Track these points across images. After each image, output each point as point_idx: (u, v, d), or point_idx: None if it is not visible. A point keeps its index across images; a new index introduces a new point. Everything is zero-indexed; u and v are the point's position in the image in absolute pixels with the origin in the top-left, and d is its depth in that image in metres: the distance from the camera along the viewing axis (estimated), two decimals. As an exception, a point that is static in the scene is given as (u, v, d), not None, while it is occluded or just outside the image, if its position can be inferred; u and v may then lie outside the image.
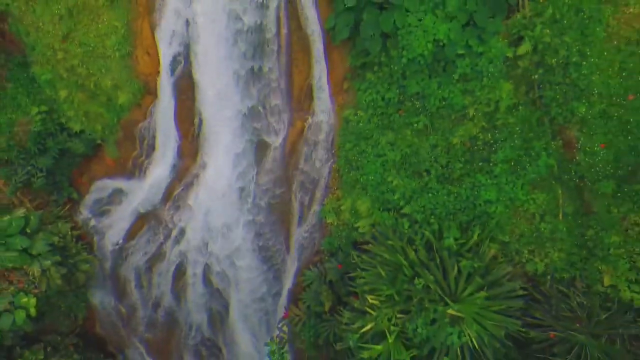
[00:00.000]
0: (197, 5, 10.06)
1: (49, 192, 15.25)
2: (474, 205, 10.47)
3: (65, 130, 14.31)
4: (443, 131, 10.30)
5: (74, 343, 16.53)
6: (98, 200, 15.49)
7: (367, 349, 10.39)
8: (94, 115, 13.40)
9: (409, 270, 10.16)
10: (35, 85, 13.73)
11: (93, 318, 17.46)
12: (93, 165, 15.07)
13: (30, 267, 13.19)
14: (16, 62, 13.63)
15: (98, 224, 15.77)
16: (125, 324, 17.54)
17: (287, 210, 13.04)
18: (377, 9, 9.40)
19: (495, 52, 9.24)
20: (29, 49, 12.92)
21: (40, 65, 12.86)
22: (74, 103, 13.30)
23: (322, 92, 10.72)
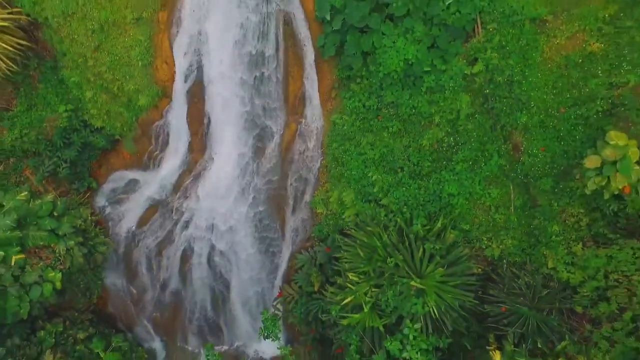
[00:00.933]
0: (208, 26, 12.48)
1: (71, 182, 17.66)
2: (439, 197, 12.83)
3: (88, 126, 16.71)
4: (414, 134, 12.67)
5: (89, 319, 18.96)
6: (114, 189, 17.92)
7: (347, 318, 12.76)
8: (114, 114, 15.83)
9: (383, 251, 12.52)
10: (63, 86, 16.16)
11: (105, 297, 19.89)
12: (111, 158, 17.50)
13: (56, 246, 15.58)
14: (48, 65, 16.05)
15: (113, 211, 18.21)
16: (135, 303, 19.95)
17: (282, 200, 15.45)
18: (359, 32, 11.79)
19: (455, 70, 11.59)
20: (59, 55, 15.37)
21: (70, 70, 15.32)
22: (98, 103, 15.74)
23: (313, 99, 13.13)
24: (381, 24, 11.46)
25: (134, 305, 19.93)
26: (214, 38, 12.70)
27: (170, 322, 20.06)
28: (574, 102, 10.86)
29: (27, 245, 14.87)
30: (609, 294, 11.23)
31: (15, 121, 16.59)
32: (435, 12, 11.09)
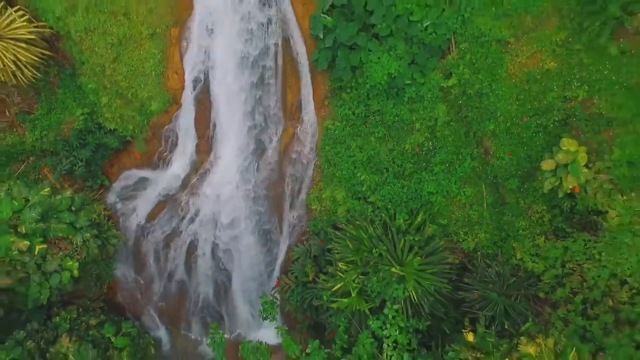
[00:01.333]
0: (215, 41, 14.35)
1: (85, 179, 19.53)
2: (420, 195, 14.70)
3: (102, 128, 18.58)
4: (397, 139, 14.53)
5: (100, 307, 20.86)
6: (125, 187, 19.79)
7: (337, 302, 14.60)
8: (127, 118, 17.70)
9: (369, 243, 14.38)
10: (80, 92, 18.03)
11: (115, 287, 21.76)
12: (122, 158, 19.36)
13: (74, 238, 17.44)
14: (67, 73, 17.91)
15: (124, 206, 20.09)
16: (142, 293, 21.84)
17: (280, 198, 17.31)
18: (348, 49, 13.66)
19: (433, 83, 13.46)
20: (78, 63, 17.23)
21: (88, 77, 17.18)
22: (112, 107, 17.61)
23: (309, 106, 14.99)
24: (368, 42, 13.34)
25: (141, 295, 21.81)
26: (220, 52, 14.57)
27: (175, 311, 21.94)
28: (535, 112, 12.71)
29: (48, 236, 16.73)
30: (565, 280, 13.09)
31: (36, 123, 18.51)
32: (414, 32, 12.96)
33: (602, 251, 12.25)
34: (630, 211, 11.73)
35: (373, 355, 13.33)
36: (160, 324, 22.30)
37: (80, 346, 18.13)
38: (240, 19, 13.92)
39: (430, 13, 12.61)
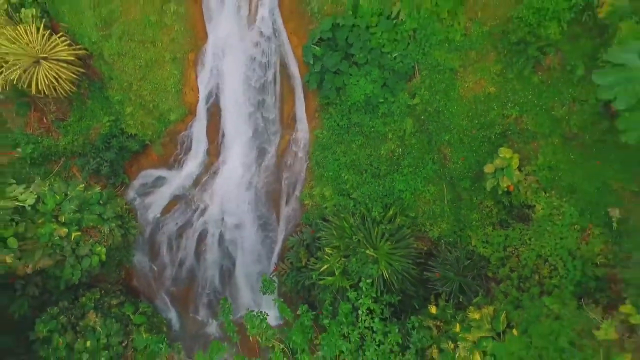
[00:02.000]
0: (224, 64, 18.35)
1: (109, 177, 23.50)
2: (392, 192, 18.63)
3: (124, 133, 22.60)
4: (374, 146, 18.47)
5: (119, 289, 24.88)
6: (143, 184, 23.77)
7: (324, 280, 18.51)
8: (147, 125, 21.69)
9: (350, 231, 18.30)
10: (107, 102, 22.03)
11: (131, 274, 25.74)
12: (141, 159, 23.34)
13: (102, 227, 21.37)
14: (96, 86, 21.90)
15: (141, 201, 24.06)
16: (155, 279, 25.79)
17: (277, 195, 21.26)
18: (333, 73, 17.62)
19: (401, 101, 17.40)
20: (107, 79, 21.20)
21: (115, 91, 21.16)
22: (135, 116, 21.60)
23: (302, 118, 18.96)
24: (348, 68, 17.32)
25: (154, 280, 25.77)
26: (228, 73, 18.56)
27: (184, 295, 25.90)
28: (481, 126, 16.64)
29: (82, 225, 20.71)
30: (506, 261, 17.02)
31: (69, 129, 22.55)
32: (386, 61, 16.92)
33: (532, 237, 16.19)
34: (551, 205, 15.66)
35: (352, 322, 17.25)
36: (171, 306, 26.22)
37: (106, 320, 22.14)
38: (246, 47, 17.91)
39: (398, 46, 16.59)
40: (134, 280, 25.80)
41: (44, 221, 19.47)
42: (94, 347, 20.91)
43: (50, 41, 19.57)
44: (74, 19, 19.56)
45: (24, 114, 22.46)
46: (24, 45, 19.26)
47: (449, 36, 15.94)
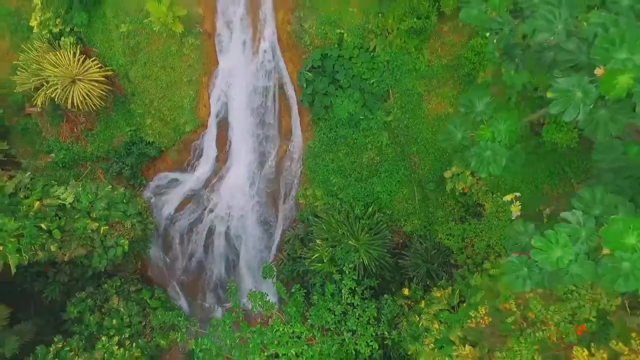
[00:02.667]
0: (232, 86, 23.14)
1: (129, 179, 28.25)
2: (372, 193, 23.35)
3: (143, 141, 27.37)
4: (357, 155, 23.19)
5: (136, 278, 29.68)
6: (158, 185, 28.53)
7: (314, 266, 23.24)
8: (164, 134, 26.41)
9: (336, 225, 23.00)
10: (129, 114, 26.72)
11: (147, 265, 30.51)
12: (158, 163, 28.08)
13: (125, 222, 26.09)
14: (120, 101, 26.58)
15: (157, 200, 28.83)
16: (168, 269, 30.58)
17: (276, 195, 26.02)
18: (322, 95, 22.35)
19: (378, 119, 22.13)
20: (129, 95, 25.92)
21: (137, 105, 25.87)
22: (153, 127, 26.33)
23: (296, 131, 23.70)
24: (335, 91, 22.08)
25: (167, 270, 30.50)
26: (235, 93, 23.31)
27: (193, 284, 30.60)
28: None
29: (109, 220, 25.42)
30: (464, 250, 21.75)
31: (95, 137, 27.29)
32: (365, 86, 21.67)
33: (483, 230, 20.91)
34: (497, 204, 20.39)
35: (337, 300, 21.97)
36: (181, 294, 30.91)
37: (127, 303, 26.90)
38: (250, 72, 22.69)
39: (375, 74, 21.35)
40: (149, 271, 30.52)
41: (79, 217, 24.17)
42: (119, 325, 25.66)
43: (84, 64, 24.31)
44: (104, 45, 24.31)
45: (57, 124, 27.22)
46: (63, 68, 24.02)
47: (416, 67, 20.69)
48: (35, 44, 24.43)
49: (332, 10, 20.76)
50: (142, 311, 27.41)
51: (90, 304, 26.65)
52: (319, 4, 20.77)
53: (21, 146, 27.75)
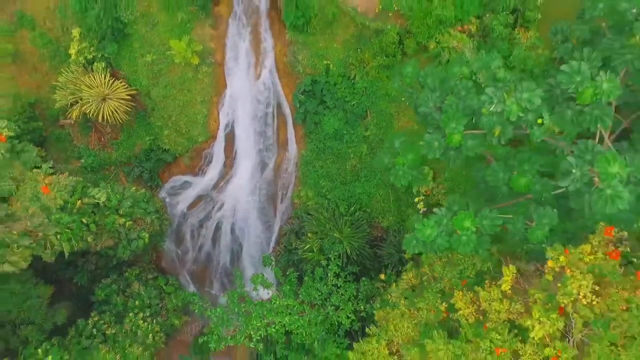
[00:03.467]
0: (238, 105, 30.17)
1: (147, 181, 35.39)
2: (354, 194, 30.30)
3: (160, 148, 34.49)
4: (342, 162, 30.15)
5: (152, 268, 36.82)
6: (172, 187, 35.65)
7: (306, 255, 30.22)
8: (179, 143, 33.46)
9: (325, 221, 29.97)
10: (149, 126, 33.74)
11: (161, 256, 37.63)
12: (172, 167, 35.17)
13: (146, 218, 33.15)
14: (140, 114, 33.61)
15: (171, 200, 35.95)
16: (180, 261, 37.72)
17: (275, 196, 33.10)
18: (313, 113, 29.34)
19: (359, 133, 29.06)
20: (149, 110, 32.98)
21: (156, 119, 32.92)
22: (170, 137, 33.39)
23: (292, 142, 30.75)
24: (323, 110, 29.05)
25: (178, 261, 37.62)
26: (240, 111, 30.36)
27: (202, 273, 37.72)
28: (410, 151, 28.34)
29: (133, 216, 32.49)
30: (427, 241, 28.67)
31: (119, 145, 34.37)
32: (348, 107, 28.61)
33: (442, 225, 27.84)
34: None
35: (324, 282, 28.95)
36: (191, 282, 38.01)
37: (146, 288, 34.00)
38: (253, 94, 29.73)
39: (355, 97, 28.32)
40: (163, 262, 37.62)
41: (109, 213, 31.16)
42: (140, 305, 32.70)
43: (113, 85, 31.33)
44: (130, 70, 31.31)
45: (87, 134, 34.28)
46: (96, 89, 31.05)
47: (388, 92, 27.63)
48: (72, 68, 31.41)
49: (321, 45, 27.68)
50: (159, 295, 34.38)
51: (115, 289, 33.64)
52: (309, 41, 27.69)
53: (55, 152, 34.79)
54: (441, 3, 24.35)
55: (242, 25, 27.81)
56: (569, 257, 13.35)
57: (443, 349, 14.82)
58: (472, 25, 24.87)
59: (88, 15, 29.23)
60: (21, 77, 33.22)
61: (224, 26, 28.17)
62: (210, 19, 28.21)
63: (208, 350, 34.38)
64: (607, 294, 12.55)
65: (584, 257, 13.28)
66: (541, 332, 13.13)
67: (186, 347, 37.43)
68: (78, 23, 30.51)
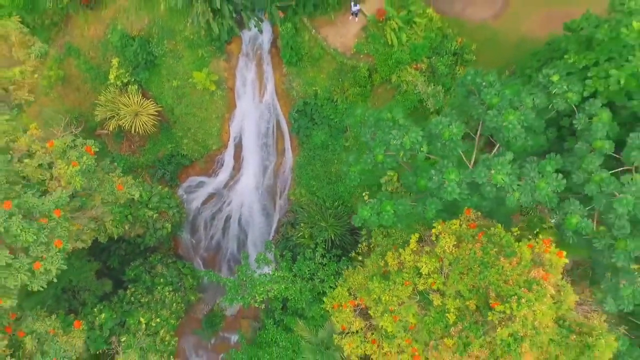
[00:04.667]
0: (245, 122, 42.72)
1: (168, 181, 48.07)
2: (338, 192, 42.58)
3: (180, 154, 47.18)
4: (328, 167, 42.44)
5: (171, 254, 49.55)
6: (189, 186, 48.27)
7: (299, 241, 42.63)
8: (195, 150, 46.01)
9: (314, 213, 42.35)
10: (171, 135, 46.28)
11: (177, 245, 50.35)
12: (189, 170, 47.74)
13: (169, 211, 45.62)
14: (164, 126, 46.14)
15: (188, 197, 48.61)
16: (193, 248, 50.42)
17: (274, 193, 45.55)
18: (305, 128, 41.84)
19: (341, 144, 41.31)
20: (172, 122, 45.55)
21: (177, 130, 45.46)
22: (188, 145, 45.93)
23: (288, 150, 43.20)
24: (312, 126, 41.57)
25: (193, 249, 50.36)
26: (247, 125, 42.86)
27: (212, 259, 50.41)
28: (380, 158, 40.87)
29: (159, 210, 45.11)
30: (394, 229, 41.22)
31: (146, 152, 47.09)
32: (332, 123, 40.93)
33: (404, 216, 40.34)
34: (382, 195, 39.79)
35: (313, 261, 41.42)
36: (203, 267, 50.74)
37: (168, 269, 46.82)
38: (257, 112, 42.29)
39: (338, 116, 40.78)
40: (179, 249, 50.37)
41: (141, 207, 43.77)
42: (165, 282, 45.37)
43: (144, 104, 43.98)
44: (158, 91, 43.87)
45: (119, 142, 46.90)
46: (130, 107, 43.69)
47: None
48: (111, 89, 44.08)
49: (310, 76, 40.16)
50: (178, 275, 47.10)
51: (142, 270, 46.34)
52: (301, 72, 40.17)
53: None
54: (399, 48, 36.86)
55: (249, 59, 40.33)
56: (443, 227, 25.64)
57: (378, 286, 27.08)
58: (423, 64, 37.28)
59: (127, 50, 41.81)
60: (67, 96, 45.95)
61: (235, 60, 40.70)
62: (224, 55, 40.73)
63: (218, 324, 47.46)
64: (462, 247, 24.84)
65: (452, 226, 25.56)
66: (426, 269, 25.43)
67: (198, 323, 50.08)
68: (117, 54, 43.07)
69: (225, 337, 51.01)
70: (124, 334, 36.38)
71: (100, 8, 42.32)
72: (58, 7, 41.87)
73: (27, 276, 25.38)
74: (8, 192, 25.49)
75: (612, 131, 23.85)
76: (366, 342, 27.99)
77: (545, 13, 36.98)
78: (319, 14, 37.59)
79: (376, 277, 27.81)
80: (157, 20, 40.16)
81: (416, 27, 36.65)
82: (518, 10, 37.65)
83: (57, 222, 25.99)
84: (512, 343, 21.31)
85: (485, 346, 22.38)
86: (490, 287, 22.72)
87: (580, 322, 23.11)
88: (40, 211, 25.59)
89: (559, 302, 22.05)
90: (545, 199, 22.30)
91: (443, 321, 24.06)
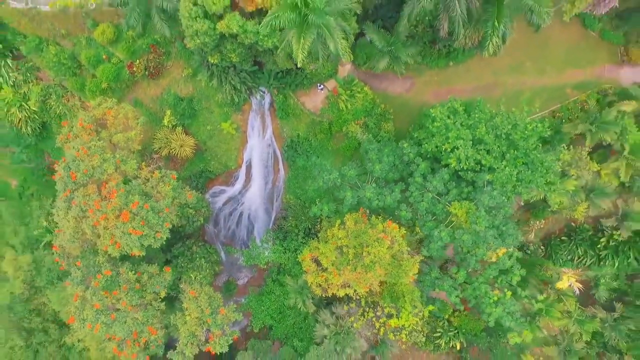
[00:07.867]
0: (253, 152, 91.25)
1: (198, 189, 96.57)
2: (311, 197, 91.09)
3: (208, 170, 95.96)
4: (305, 181, 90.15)
5: (200, 240, 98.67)
6: (213, 193, 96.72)
7: (289, 229, 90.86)
8: (219, 168, 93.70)
9: (298, 211, 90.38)
10: (203, 159, 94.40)
11: (204, 233, 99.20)
12: (214, 182, 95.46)
13: (201, 209, 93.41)
14: (198, 153, 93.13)
15: (212, 200, 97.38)
16: (215, 236, 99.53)
17: (272, 198, 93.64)
18: (292, 157, 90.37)
19: (316, 166, 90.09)
20: (204, 150, 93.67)
21: (207, 154, 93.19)
22: (214, 165, 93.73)
23: (282, 170, 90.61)
24: (298, 156, 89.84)
25: (215, 237, 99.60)
26: (255, 154, 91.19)
27: (229, 244, 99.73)
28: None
29: (196, 208, 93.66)
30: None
31: (185, 169, 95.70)
32: (309, 154, 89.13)
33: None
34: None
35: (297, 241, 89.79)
36: (222, 249, 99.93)
37: (200, 249, 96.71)
38: (262, 146, 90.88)
39: (311, 150, 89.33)
40: (205, 236, 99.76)
41: (185, 206, 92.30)
42: (200, 256, 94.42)
43: (186, 139, 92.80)
44: (195, 130, 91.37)
45: (167, 163, 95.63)
46: (177, 141, 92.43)
47: (328, 147, 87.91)
48: (164, 129, 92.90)
49: (294, 125, 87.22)
50: (206, 253, 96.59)
51: (182, 250, 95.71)
52: (289, 123, 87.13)
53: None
54: (347, 111, 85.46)
55: (256, 114, 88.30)
56: (349, 216, 73.40)
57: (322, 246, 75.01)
58: (361, 121, 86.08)
59: (177, 106, 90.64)
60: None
61: (247, 114, 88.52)
62: (240, 112, 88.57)
63: (232, 290, 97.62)
64: (357, 225, 73.17)
65: (353, 216, 73.64)
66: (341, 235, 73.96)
67: (219, 289, 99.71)
68: (169, 107, 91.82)
69: (237, 300, 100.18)
70: (183, 282, 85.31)
71: (160, 78, 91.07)
72: (132, 78, 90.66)
73: (153, 241, 74.20)
74: (140, 198, 74.09)
75: (426, 171, 72.92)
76: (317, 275, 76.76)
77: (436, 89, 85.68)
78: (299, 89, 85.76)
79: (321, 242, 76.75)
80: (199, 89, 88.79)
81: (356, 98, 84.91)
82: (420, 88, 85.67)
83: (166, 214, 74.76)
84: (371, 265, 69.74)
85: (362, 267, 70.91)
86: (364, 242, 71.23)
87: (403, 256, 71.61)
88: (158, 209, 74.34)
89: (391, 248, 70.42)
90: (390, 204, 71.29)
91: (346, 259, 72.56)
